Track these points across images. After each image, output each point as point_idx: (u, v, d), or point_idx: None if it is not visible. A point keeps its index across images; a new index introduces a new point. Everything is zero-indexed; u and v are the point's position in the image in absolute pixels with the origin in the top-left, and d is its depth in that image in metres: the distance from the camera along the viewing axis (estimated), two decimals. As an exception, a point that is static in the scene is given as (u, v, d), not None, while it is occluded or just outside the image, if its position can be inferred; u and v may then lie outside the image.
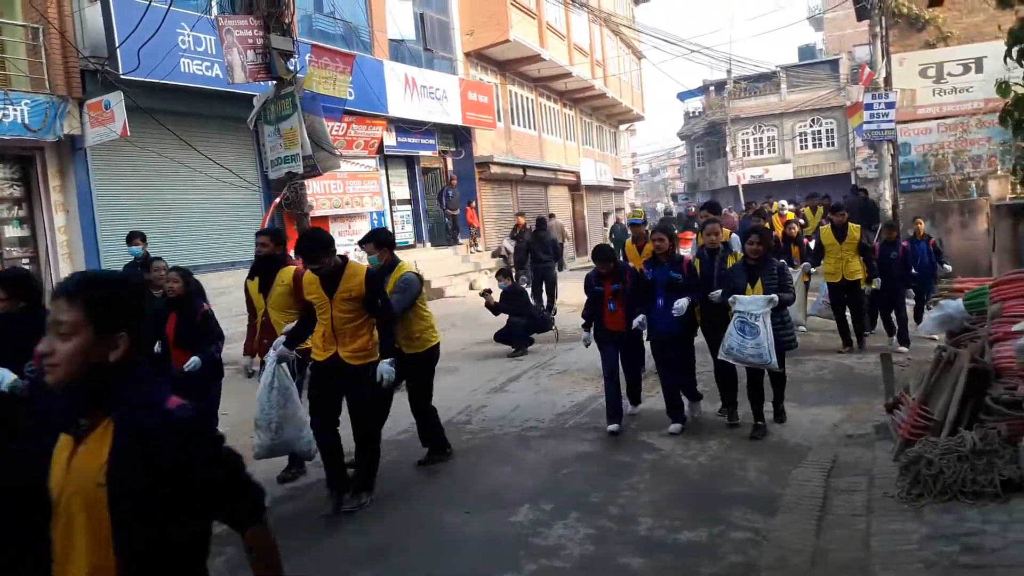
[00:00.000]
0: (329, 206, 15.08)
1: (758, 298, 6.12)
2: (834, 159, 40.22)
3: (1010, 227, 8.44)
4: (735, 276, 6.40)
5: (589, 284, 6.81)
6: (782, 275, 6.34)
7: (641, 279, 6.69)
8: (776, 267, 6.36)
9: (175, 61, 11.41)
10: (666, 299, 6.54)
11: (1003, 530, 3.96)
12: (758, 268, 6.30)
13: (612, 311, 6.65)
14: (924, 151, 17.67)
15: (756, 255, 6.28)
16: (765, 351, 6.06)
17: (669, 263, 6.65)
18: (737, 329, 6.14)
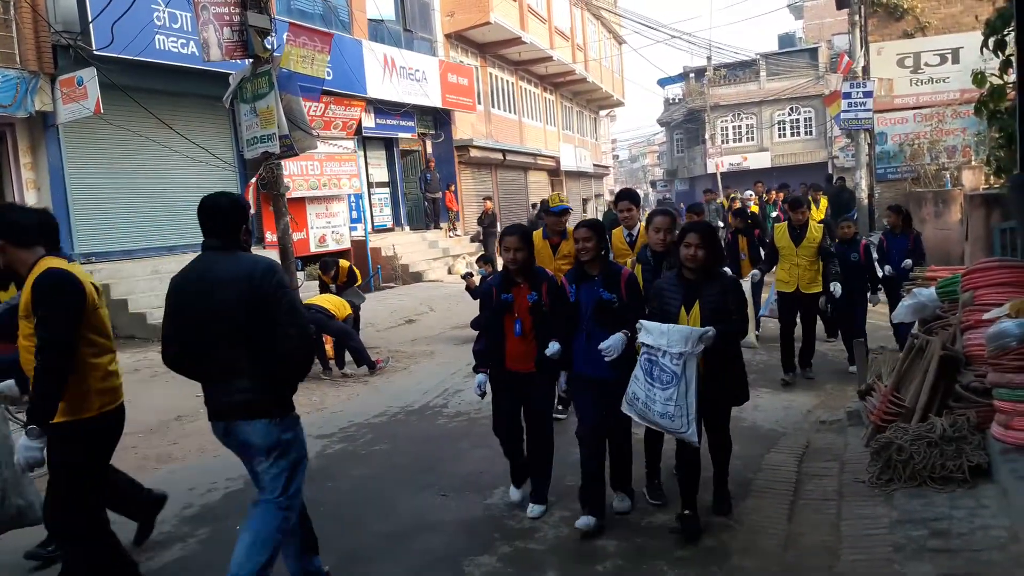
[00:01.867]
0: (306, 187, 14.96)
1: (681, 330, 4.09)
2: (812, 148, 40.47)
3: (983, 217, 8.55)
4: (662, 295, 4.43)
5: (489, 294, 4.81)
6: (733, 295, 4.36)
7: (562, 297, 4.61)
8: (724, 284, 4.39)
9: (150, 37, 11.23)
10: (593, 331, 4.43)
11: (970, 515, 4.03)
12: (697, 284, 4.32)
13: (519, 337, 4.64)
14: (900, 141, 17.84)
15: (695, 263, 4.28)
16: (683, 413, 4.09)
17: (602, 276, 4.52)
18: (644, 371, 4.21)
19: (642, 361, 4.22)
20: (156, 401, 7.93)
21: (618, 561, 4.04)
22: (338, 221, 16.09)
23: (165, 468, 6.16)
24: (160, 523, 4.93)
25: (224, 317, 3.39)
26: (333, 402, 7.89)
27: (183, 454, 6.48)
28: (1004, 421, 4.41)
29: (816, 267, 7.71)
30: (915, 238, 8.59)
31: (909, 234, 8.60)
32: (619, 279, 4.51)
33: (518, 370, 4.68)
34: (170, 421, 7.43)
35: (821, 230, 7.82)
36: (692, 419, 4.07)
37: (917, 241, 8.59)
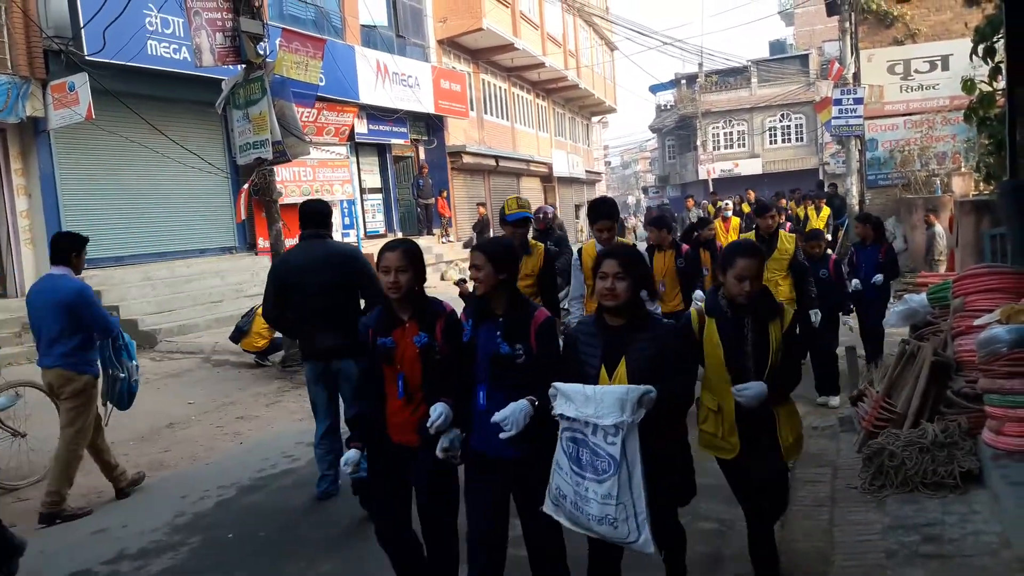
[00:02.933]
0: (298, 193, 14.92)
1: (613, 391, 2.91)
2: (803, 154, 40.62)
3: (973, 223, 8.61)
4: (576, 348, 3.23)
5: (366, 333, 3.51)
6: (672, 346, 3.15)
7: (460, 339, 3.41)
8: (660, 332, 3.15)
9: (142, 43, 11.21)
10: (492, 393, 3.26)
11: (962, 521, 4.05)
12: (622, 333, 3.13)
13: (403, 399, 3.41)
14: (891, 147, 17.94)
15: (615, 301, 3.08)
16: (629, 514, 2.92)
17: (506, 320, 3.28)
18: (568, 456, 3.03)
19: (564, 442, 3.03)
20: (148, 408, 7.89)
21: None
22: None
23: (157, 475, 6.13)
24: (152, 531, 4.91)
25: (323, 284, 4.85)
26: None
27: (175, 461, 6.45)
28: (995, 427, 4.43)
29: (788, 282, 6.77)
30: (887, 250, 8.01)
31: (880, 246, 7.97)
32: (529, 324, 3.23)
33: (407, 443, 3.40)
34: (162, 428, 7.40)
35: (793, 241, 6.90)
36: (644, 520, 2.87)
37: (889, 253, 8.03)
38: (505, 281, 3.29)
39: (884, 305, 7.93)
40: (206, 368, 9.56)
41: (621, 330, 3.11)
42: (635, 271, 3.09)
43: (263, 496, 5.49)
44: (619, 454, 2.88)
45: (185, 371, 9.40)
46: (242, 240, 14.20)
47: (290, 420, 7.53)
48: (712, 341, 3.30)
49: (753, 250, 3.28)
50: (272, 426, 7.34)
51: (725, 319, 3.30)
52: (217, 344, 10.24)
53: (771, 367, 3.26)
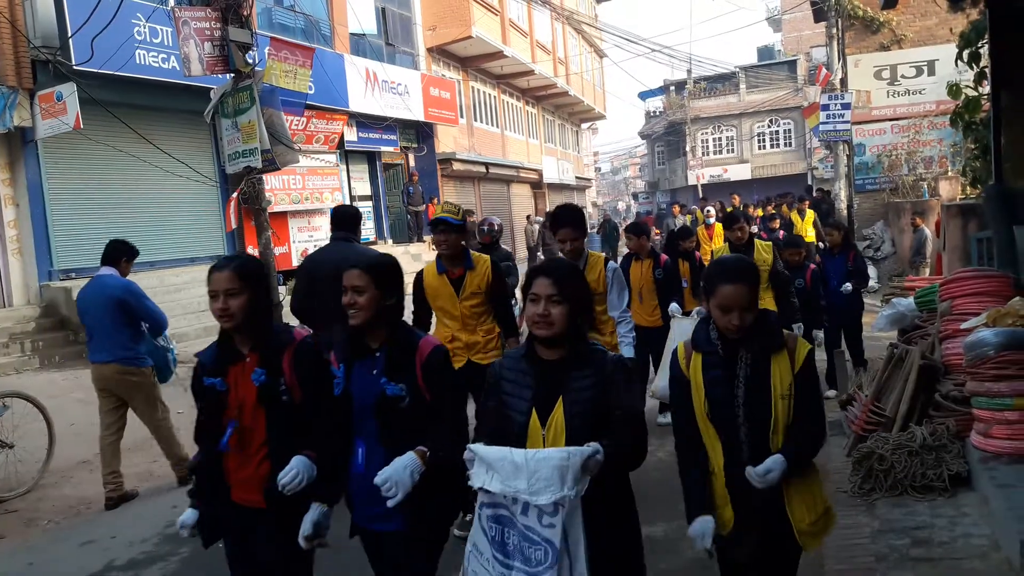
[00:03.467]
0: (288, 201, 14.92)
1: (549, 457, 2.29)
2: (791, 159, 40.80)
3: (960, 227, 8.66)
4: (500, 388, 2.58)
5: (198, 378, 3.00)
6: (620, 386, 2.49)
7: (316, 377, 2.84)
8: (605, 368, 2.50)
9: (130, 52, 11.19)
10: (374, 449, 2.72)
11: (951, 524, 4.07)
12: (558, 369, 2.51)
13: (237, 451, 2.85)
14: (878, 152, 18.06)
15: (549, 331, 2.46)
16: None
17: (386, 353, 2.75)
18: (491, 540, 2.40)
19: (484, 520, 2.37)
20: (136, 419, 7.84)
21: None
22: (320, 235, 16.04)
23: (147, 486, 6.10)
24: (141, 542, 4.89)
25: None
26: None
27: (164, 471, 6.42)
28: (983, 430, 4.46)
29: (768, 296, 6.28)
30: (855, 257, 7.78)
31: (848, 253, 7.73)
32: (413, 359, 2.68)
33: (252, 504, 2.81)
34: (151, 438, 7.35)
35: (771, 250, 6.41)
36: None
37: (857, 260, 7.77)
38: (391, 308, 2.73)
39: (860, 312, 7.78)
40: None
41: (557, 366, 2.46)
42: (574, 292, 2.45)
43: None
44: (559, 539, 2.22)
45: (175, 381, 9.33)
46: (231, 249, 14.14)
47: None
48: (697, 383, 2.61)
49: (739, 273, 2.52)
50: (262, 435, 7.30)
51: (714, 356, 2.59)
52: (207, 353, 10.19)
53: (775, 420, 2.51)
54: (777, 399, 2.53)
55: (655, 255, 6.74)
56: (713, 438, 2.61)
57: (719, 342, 2.59)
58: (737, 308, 2.49)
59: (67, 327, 10.83)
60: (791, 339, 2.61)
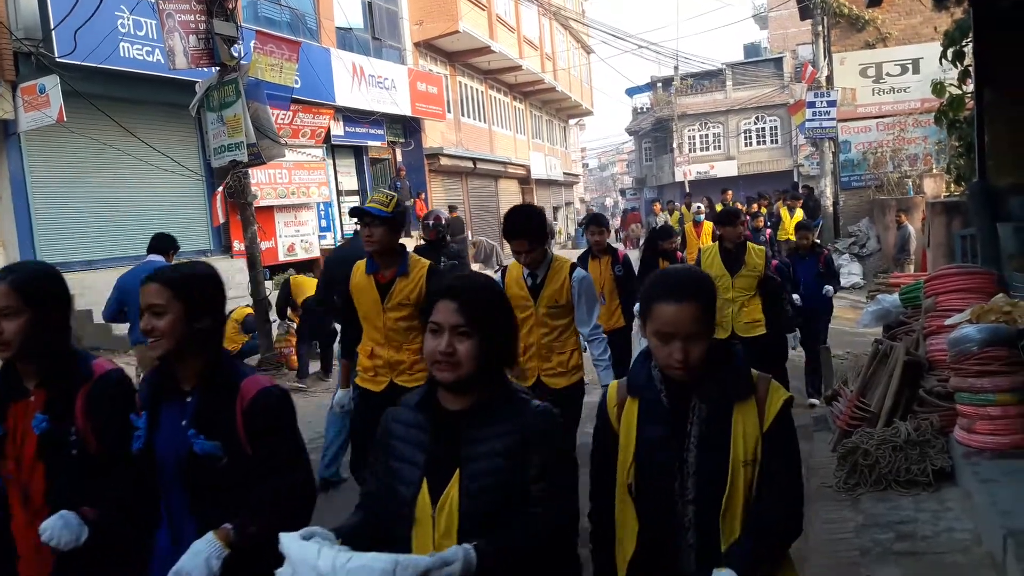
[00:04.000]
0: (274, 195, 14.84)
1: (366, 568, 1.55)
2: (777, 156, 40.96)
3: (944, 224, 8.74)
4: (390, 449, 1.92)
5: None
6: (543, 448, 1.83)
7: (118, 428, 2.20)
8: (526, 423, 1.83)
9: (114, 45, 11.08)
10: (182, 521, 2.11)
11: (934, 518, 4.10)
12: (462, 423, 1.86)
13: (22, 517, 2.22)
14: (864, 149, 18.15)
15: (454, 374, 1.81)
16: None
17: (200, 396, 2.11)
18: None
19: None
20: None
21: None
22: (307, 230, 15.97)
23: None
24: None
25: None
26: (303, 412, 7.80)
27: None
28: (966, 425, 4.50)
29: (757, 303, 5.86)
30: (826, 259, 7.56)
31: (819, 255, 7.53)
32: (233, 406, 2.06)
33: None
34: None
35: (763, 255, 5.94)
36: None
37: (829, 263, 7.58)
38: (205, 334, 2.09)
39: (828, 319, 7.54)
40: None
41: (462, 419, 1.81)
42: (489, 321, 1.80)
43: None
44: None
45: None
46: (217, 243, 14.08)
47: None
48: (628, 440, 1.91)
49: (686, 287, 1.83)
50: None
51: (656, 405, 1.89)
52: (192, 348, 10.14)
53: (730, 497, 1.82)
54: (737, 466, 1.82)
55: (613, 251, 6.41)
56: (631, 519, 1.92)
57: (663, 386, 1.89)
58: (681, 337, 1.79)
59: (50, 322, 10.74)
60: (762, 383, 1.90)
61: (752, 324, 5.76)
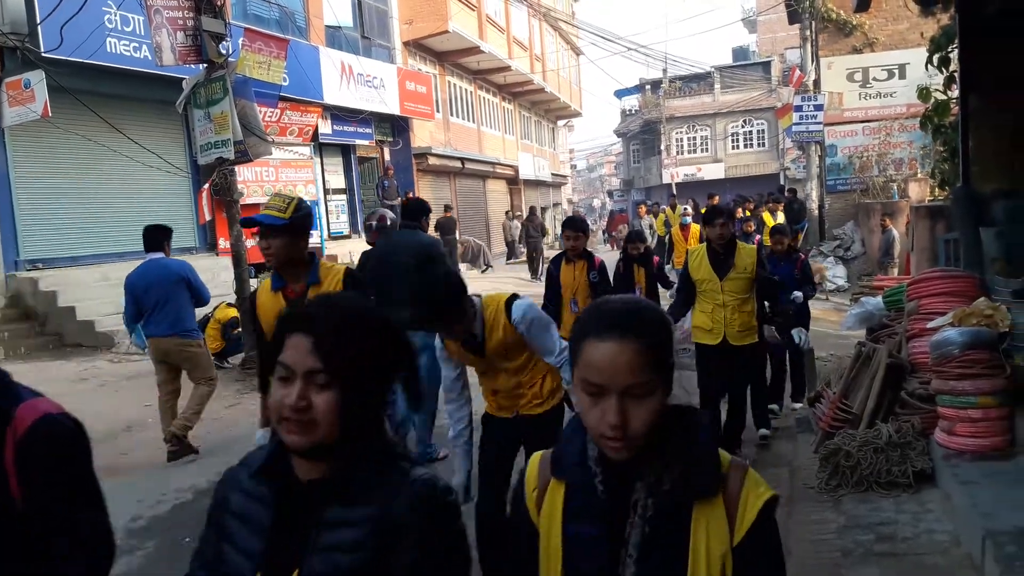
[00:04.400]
0: (261, 193, 14.77)
1: None
2: (764, 159, 41.16)
3: (928, 228, 8.81)
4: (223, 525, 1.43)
5: None
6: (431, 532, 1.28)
7: None
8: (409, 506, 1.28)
9: (101, 40, 11.02)
10: None
11: (915, 520, 4.13)
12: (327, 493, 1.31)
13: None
14: (850, 153, 18.26)
15: (308, 438, 1.27)
16: None
17: None
18: None
19: None
20: (105, 411, 7.75)
21: None
22: (293, 228, 15.92)
23: (112, 480, 6.01)
24: (107, 536, 4.82)
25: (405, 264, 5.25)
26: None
27: (131, 465, 6.34)
28: (947, 427, 4.53)
29: (751, 307, 5.41)
30: (802, 264, 7.03)
31: (795, 260, 7.02)
32: (3, 436, 1.53)
33: None
34: (119, 431, 7.27)
35: (754, 253, 5.53)
36: None
37: (805, 268, 7.03)
38: None
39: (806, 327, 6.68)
40: (165, 370, 9.42)
41: (315, 493, 1.32)
42: (354, 363, 1.28)
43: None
44: None
45: (144, 373, 9.23)
46: (203, 241, 14.02)
47: (251, 422, 7.42)
48: (548, 538, 1.39)
49: (625, 320, 1.28)
50: (232, 428, 7.25)
51: (588, 494, 1.35)
52: (177, 346, 10.08)
53: None
54: None
55: (589, 256, 6.16)
56: None
57: (598, 467, 1.34)
58: (617, 390, 1.24)
59: (33, 318, 10.67)
60: (735, 473, 1.34)
61: (745, 332, 5.37)
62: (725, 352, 5.37)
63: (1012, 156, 6.57)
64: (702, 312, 5.46)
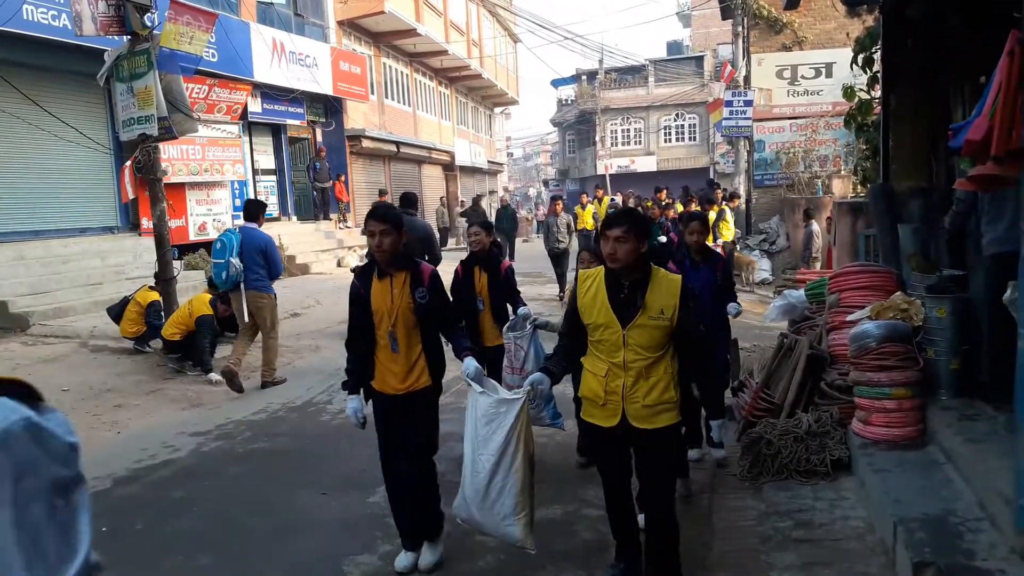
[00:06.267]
0: (186, 172, 14.34)
1: None
2: (695, 153, 41.89)
3: (849, 224, 9.06)
4: None
5: None
6: None
7: None
8: None
9: (16, 7, 10.48)
10: None
11: (831, 507, 4.27)
12: None
13: None
14: (777, 149, 18.72)
15: None
16: None
17: None
18: None
19: None
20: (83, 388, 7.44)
21: (500, 556, 4.06)
22: (220, 208, 15.50)
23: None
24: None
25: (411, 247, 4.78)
26: (210, 398, 7.60)
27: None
28: (863, 417, 4.69)
29: (666, 367, 3.36)
30: (724, 266, 5.45)
31: (715, 263, 5.32)
32: None
33: None
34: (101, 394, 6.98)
35: (678, 289, 3.35)
36: None
37: (727, 270, 5.53)
38: None
39: (727, 340, 5.59)
40: (83, 354, 9.08)
41: None
42: None
43: (140, 487, 5.26)
44: None
45: (60, 356, 8.89)
46: (125, 220, 13.53)
47: (172, 409, 7.24)
48: None
49: None
50: (152, 415, 7.04)
51: None
52: (95, 328, 9.72)
53: None
54: None
55: (494, 259, 5.63)
56: None
57: None
58: None
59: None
60: None
61: (657, 408, 3.32)
62: (626, 438, 3.41)
63: (929, 156, 6.83)
64: (592, 374, 3.43)
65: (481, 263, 5.59)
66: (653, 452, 3.41)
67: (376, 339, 3.87)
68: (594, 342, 3.44)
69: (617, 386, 3.35)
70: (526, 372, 5.02)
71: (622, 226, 3.27)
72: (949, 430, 4.32)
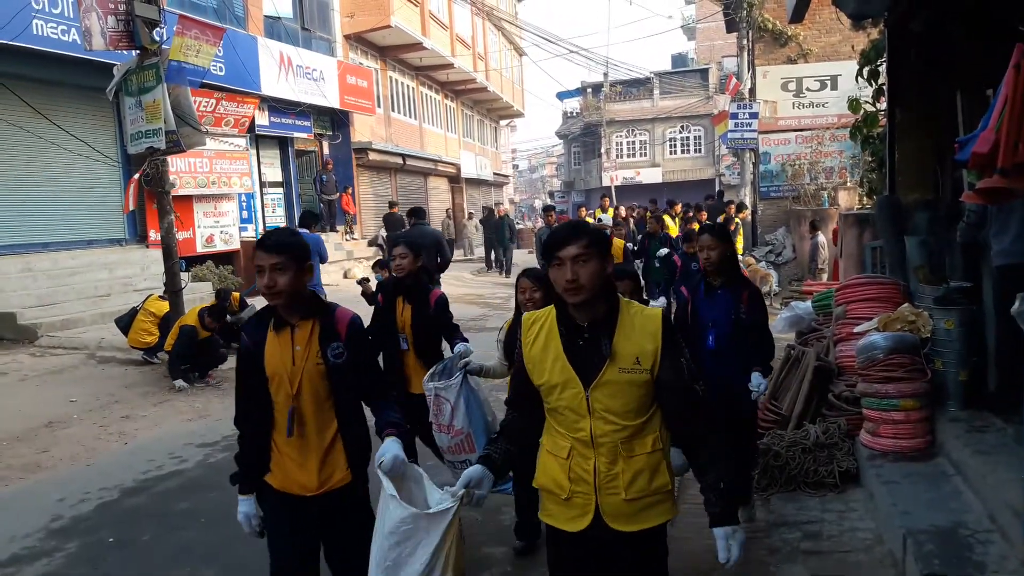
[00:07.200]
0: (194, 185, 14.40)
1: None
2: (700, 165, 41.93)
3: (856, 236, 9.06)
4: None
5: None
6: None
7: None
8: None
9: (27, 21, 10.57)
10: None
11: (840, 518, 4.26)
12: None
13: None
14: (783, 161, 18.71)
15: None
16: None
17: None
18: None
19: None
20: (25, 407, 7.46)
21: (506, 568, 4.05)
22: (227, 221, 15.56)
23: (32, 478, 5.80)
24: (24, 536, 4.65)
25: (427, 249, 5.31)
26: (217, 409, 7.61)
27: (53, 463, 6.12)
28: (871, 429, 4.68)
29: (655, 440, 2.33)
30: (751, 297, 4.09)
31: (738, 290, 4.09)
32: None
33: None
34: (39, 428, 6.99)
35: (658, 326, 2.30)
36: None
37: (755, 304, 4.10)
38: None
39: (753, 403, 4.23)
40: (90, 365, 9.11)
41: None
42: None
43: (147, 499, 5.27)
44: None
45: (67, 367, 8.93)
46: (132, 232, 13.59)
47: (179, 420, 7.26)
48: None
49: None
50: (159, 426, 7.06)
51: None
52: (103, 340, 9.76)
53: None
54: None
55: (423, 288, 4.66)
56: None
57: None
58: None
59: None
60: None
61: (644, 502, 2.34)
62: (599, 547, 2.37)
63: (935, 168, 6.83)
64: (552, 456, 2.42)
65: (404, 292, 4.58)
66: (634, 567, 2.39)
67: (273, 416, 2.73)
68: (551, 410, 2.39)
69: (586, 471, 2.31)
70: (457, 431, 4.10)
71: (580, 241, 2.25)
72: (958, 441, 4.31)
